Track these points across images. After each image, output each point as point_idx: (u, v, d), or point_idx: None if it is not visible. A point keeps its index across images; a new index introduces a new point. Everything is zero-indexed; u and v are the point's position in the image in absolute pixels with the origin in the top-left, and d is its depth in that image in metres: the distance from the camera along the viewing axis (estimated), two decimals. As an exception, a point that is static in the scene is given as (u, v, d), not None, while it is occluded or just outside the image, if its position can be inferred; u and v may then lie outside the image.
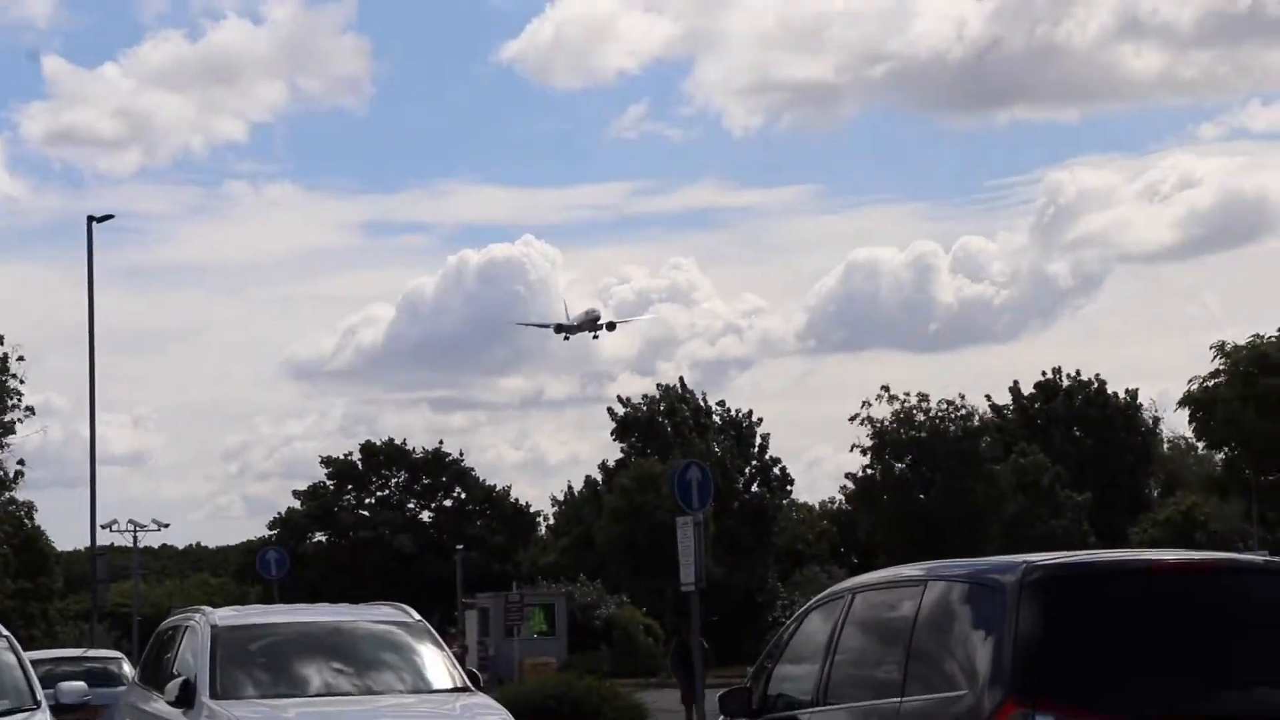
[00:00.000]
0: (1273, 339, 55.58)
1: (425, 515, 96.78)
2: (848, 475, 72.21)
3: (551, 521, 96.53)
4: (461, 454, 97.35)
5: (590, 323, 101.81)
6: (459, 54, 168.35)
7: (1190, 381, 55.52)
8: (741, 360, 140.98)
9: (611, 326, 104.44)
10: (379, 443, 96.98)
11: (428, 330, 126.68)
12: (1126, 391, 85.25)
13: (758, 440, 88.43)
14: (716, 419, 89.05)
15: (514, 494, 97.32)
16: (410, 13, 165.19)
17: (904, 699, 10.81)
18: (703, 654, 31.75)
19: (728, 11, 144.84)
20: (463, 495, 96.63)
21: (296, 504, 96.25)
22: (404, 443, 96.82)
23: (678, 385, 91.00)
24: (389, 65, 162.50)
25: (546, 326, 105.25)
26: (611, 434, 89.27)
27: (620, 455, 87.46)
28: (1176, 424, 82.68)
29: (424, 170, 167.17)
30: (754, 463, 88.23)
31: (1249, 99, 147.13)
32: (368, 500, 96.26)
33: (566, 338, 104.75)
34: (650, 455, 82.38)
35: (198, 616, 16.98)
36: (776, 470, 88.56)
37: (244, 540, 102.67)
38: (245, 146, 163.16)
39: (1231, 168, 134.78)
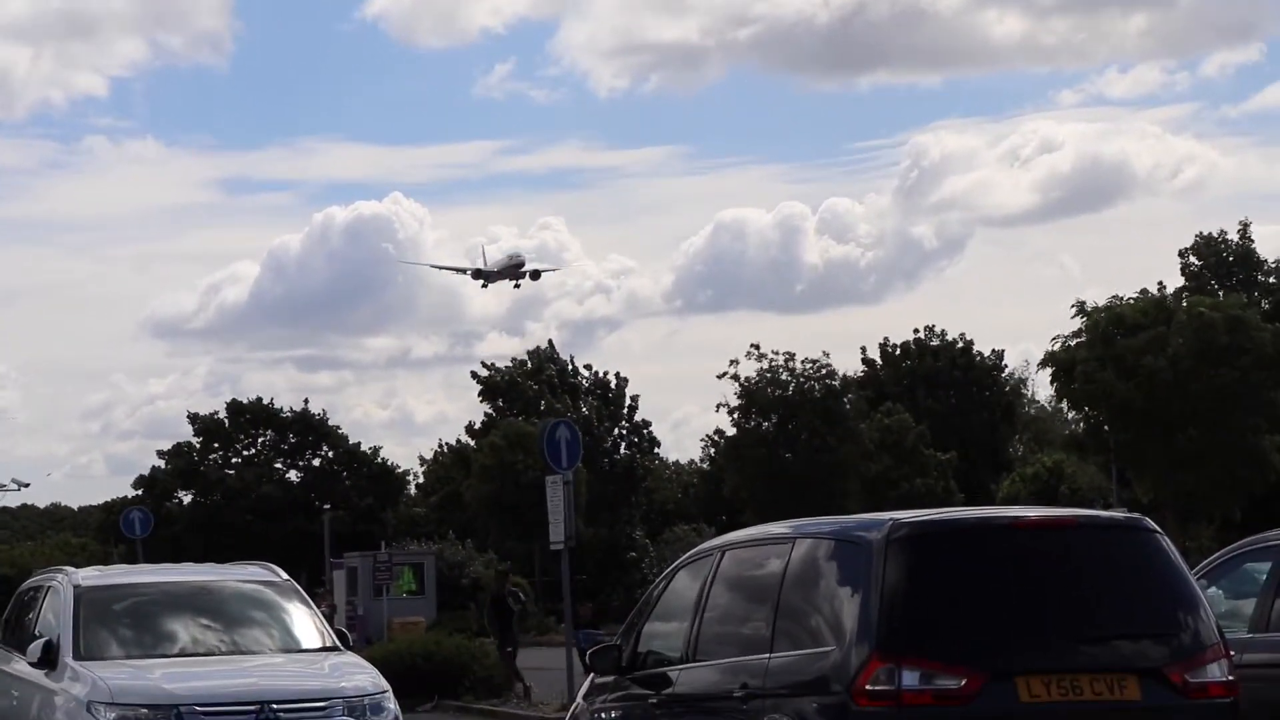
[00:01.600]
0: (1131, 300, 56.46)
1: (292, 475, 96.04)
2: (714, 434, 72.59)
3: (420, 481, 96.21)
4: (325, 413, 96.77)
5: (513, 269, 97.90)
6: (322, 11, 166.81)
7: (1052, 342, 56.33)
8: (610, 320, 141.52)
9: (536, 275, 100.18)
10: (245, 401, 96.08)
11: (293, 288, 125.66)
12: (992, 351, 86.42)
13: (626, 401, 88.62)
14: (584, 380, 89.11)
15: (381, 454, 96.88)
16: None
17: (772, 655, 10.92)
18: (520, 607, 31.91)
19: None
20: (330, 455, 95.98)
21: (160, 463, 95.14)
22: (271, 402, 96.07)
23: (547, 346, 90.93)
24: (251, 22, 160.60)
25: (463, 271, 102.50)
26: (479, 395, 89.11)
27: (485, 418, 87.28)
28: (1041, 384, 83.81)
29: (287, 128, 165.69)
30: (622, 423, 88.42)
31: (1107, 66, 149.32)
32: (234, 460, 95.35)
33: (485, 284, 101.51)
34: (516, 416, 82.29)
35: (60, 576, 16.77)
36: (645, 431, 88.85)
37: (107, 500, 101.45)
38: (105, 102, 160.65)
39: (1090, 133, 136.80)
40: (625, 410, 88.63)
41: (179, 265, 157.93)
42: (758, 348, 69.98)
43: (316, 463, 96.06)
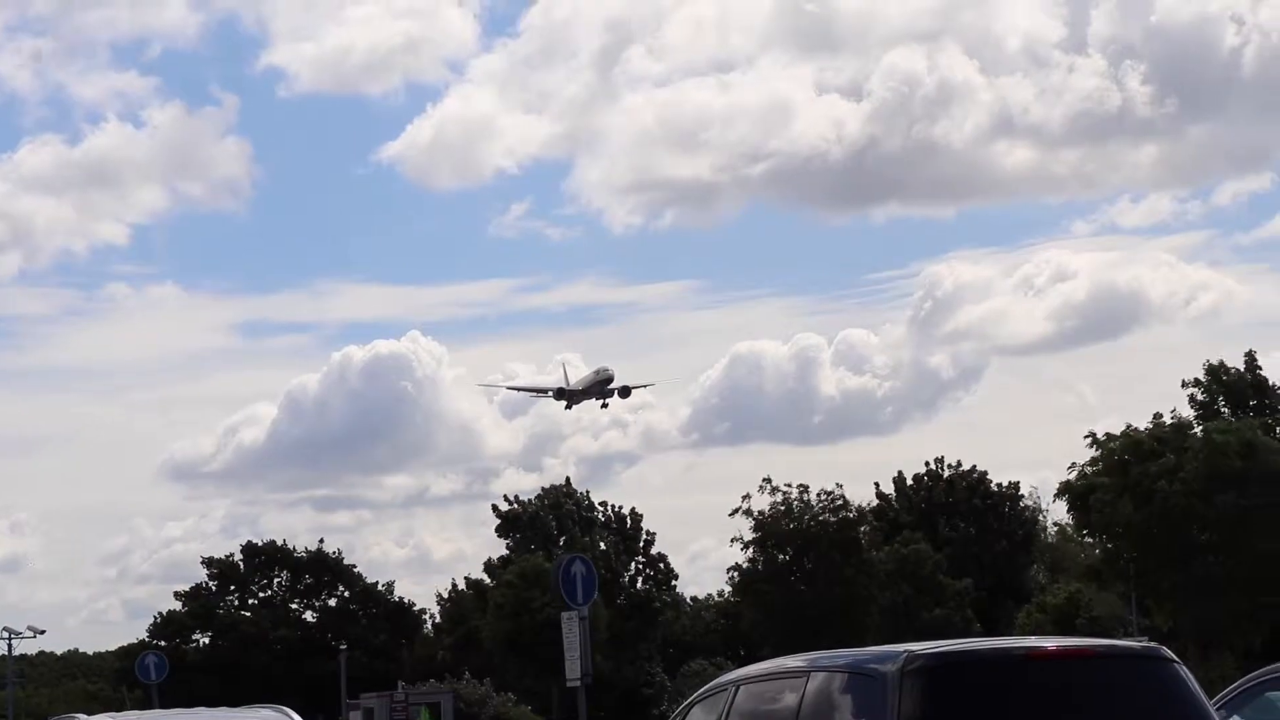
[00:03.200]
0: (1146, 429, 56.38)
1: (308, 615, 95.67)
2: (731, 568, 72.34)
3: (437, 619, 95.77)
4: (340, 553, 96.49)
5: (599, 385, 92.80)
6: (339, 156, 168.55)
7: (1069, 469, 56.21)
8: (626, 455, 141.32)
9: (625, 392, 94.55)
10: (260, 543, 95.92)
11: (310, 429, 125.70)
12: (1009, 482, 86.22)
13: (643, 535, 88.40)
14: (601, 516, 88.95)
15: (398, 592, 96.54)
16: (291, 116, 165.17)
17: (789, 791, 10.80)
18: None
19: (607, 111, 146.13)
20: (345, 594, 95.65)
21: (177, 605, 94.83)
22: (285, 543, 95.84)
23: (564, 483, 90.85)
24: (269, 168, 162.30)
25: (545, 392, 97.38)
26: (496, 530, 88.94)
27: (505, 552, 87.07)
28: (1058, 512, 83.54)
29: (305, 271, 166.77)
30: (639, 557, 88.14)
31: (1118, 196, 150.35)
32: (250, 601, 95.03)
33: (569, 406, 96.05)
34: (535, 551, 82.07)
35: (72, 724, 16.65)
36: (661, 565, 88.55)
37: (123, 645, 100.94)
38: (125, 249, 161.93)
39: (1104, 262, 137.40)
40: (642, 545, 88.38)
41: (198, 409, 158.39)
42: (770, 481, 69.92)
43: (333, 603, 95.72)
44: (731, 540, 70.00)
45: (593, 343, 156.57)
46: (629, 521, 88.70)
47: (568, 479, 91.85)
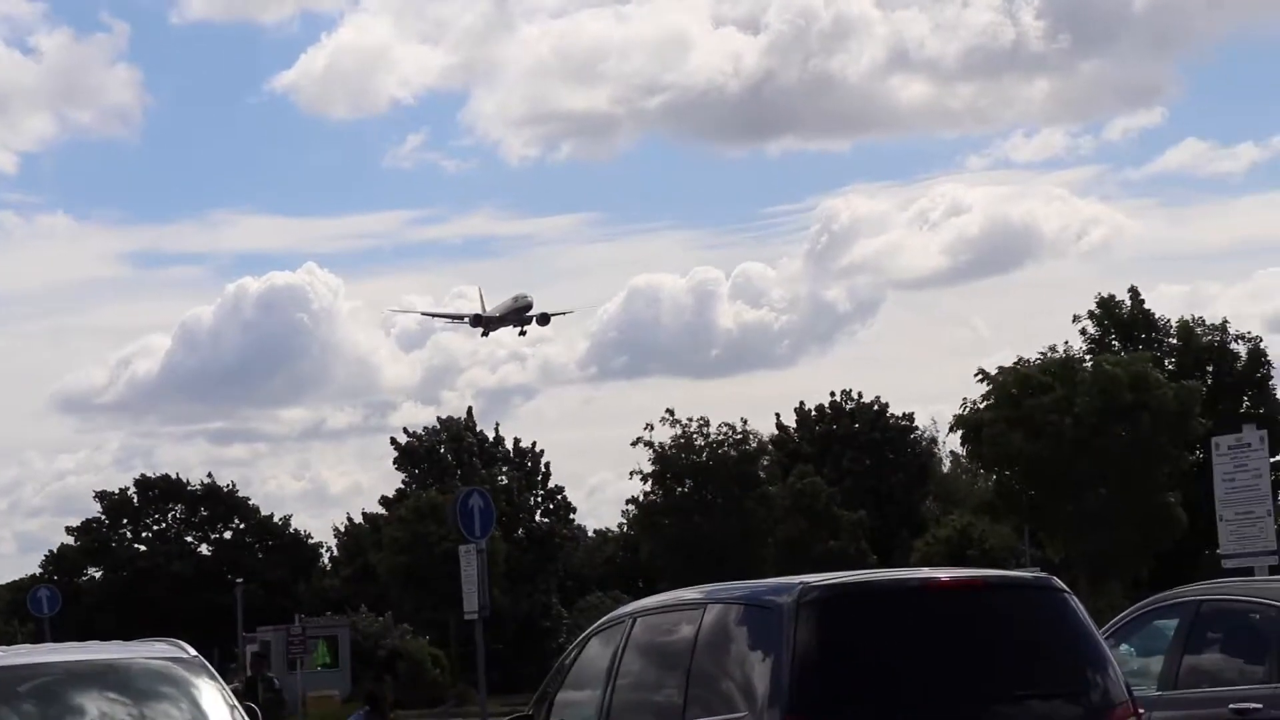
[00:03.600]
0: (1035, 362, 56.96)
1: (204, 549, 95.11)
2: (629, 500, 72.65)
3: (334, 553, 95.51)
4: (234, 485, 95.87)
5: (518, 312, 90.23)
6: (232, 85, 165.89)
7: (962, 405, 56.65)
8: (525, 388, 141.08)
9: (545, 319, 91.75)
10: (154, 476, 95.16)
11: (205, 361, 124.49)
12: (904, 414, 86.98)
13: (542, 469, 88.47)
14: (500, 450, 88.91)
15: (295, 525, 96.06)
16: (182, 44, 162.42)
17: (685, 721, 10.87)
18: (272, 695, 30.77)
19: (503, 42, 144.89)
20: (241, 527, 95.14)
21: (70, 540, 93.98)
22: (179, 476, 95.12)
23: (464, 416, 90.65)
24: (161, 96, 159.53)
25: (460, 319, 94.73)
26: (394, 464, 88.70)
27: (401, 485, 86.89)
28: (953, 444, 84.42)
29: (198, 201, 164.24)
30: (538, 491, 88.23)
31: (1012, 130, 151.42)
32: (144, 535, 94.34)
33: (485, 333, 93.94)
34: (432, 486, 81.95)
35: (-40, 657, 16.45)
36: (560, 498, 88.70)
37: (14, 579, 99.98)
38: (13, 178, 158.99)
39: (998, 196, 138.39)
40: (541, 478, 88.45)
41: (90, 339, 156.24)
42: (672, 413, 70.13)
43: (228, 536, 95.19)
44: (631, 473, 70.25)
45: (489, 275, 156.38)
46: (528, 455, 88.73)
47: (469, 409, 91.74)
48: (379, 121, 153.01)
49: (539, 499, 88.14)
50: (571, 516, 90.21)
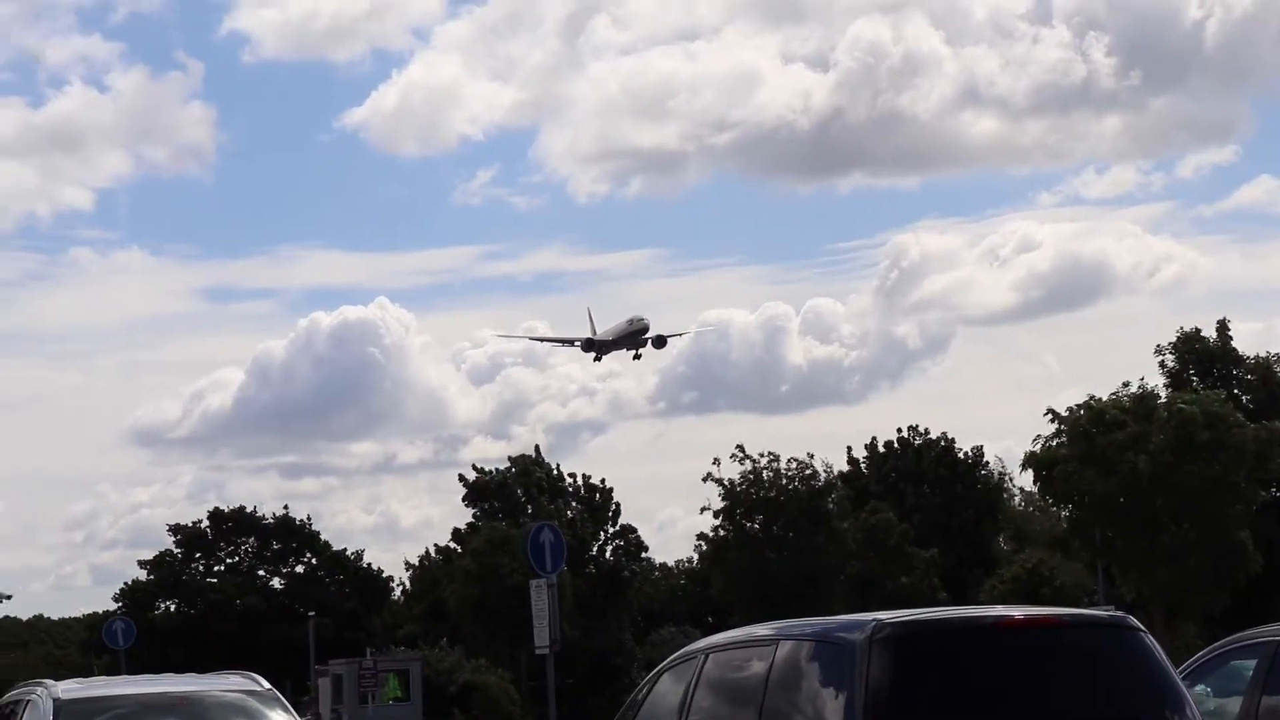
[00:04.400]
0: (1110, 399, 56.56)
1: (276, 582, 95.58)
2: (699, 535, 72.52)
3: (406, 587, 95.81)
4: (310, 519, 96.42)
5: (632, 335, 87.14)
6: (304, 122, 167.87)
7: (1034, 441, 56.33)
8: (594, 423, 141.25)
9: (661, 342, 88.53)
10: (227, 509, 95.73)
11: (277, 395, 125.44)
12: (972, 449, 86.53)
13: (611, 504, 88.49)
14: (570, 485, 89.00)
15: (366, 559, 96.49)
16: (255, 82, 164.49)
17: (757, 759, 10.84)
18: None
19: (572, 80, 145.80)
20: (313, 561, 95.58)
21: (143, 573, 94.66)
22: (252, 509, 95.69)
23: (533, 453, 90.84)
24: (234, 133, 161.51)
25: (572, 343, 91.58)
26: (463, 499, 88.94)
27: (471, 520, 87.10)
28: (1024, 481, 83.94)
29: (270, 237, 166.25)
30: (608, 526, 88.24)
31: (1083, 167, 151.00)
32: (216, 568, 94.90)
33: (597, 358, 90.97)
34: (501, 520, 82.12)
35: (39, 690, 16.61)
36: (630, 535, 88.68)
37: (90, 611, 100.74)
38: (90, 214, 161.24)
39: (1069, 232, 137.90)
40: (610, 514, 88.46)
41: (164, 374, 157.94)
42: (742, 449, 70.00)
43: (300, 570, 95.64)
44: (702, 509, 70.18)
45: (559, 311, 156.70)
46: (597, 491, 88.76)
47: (536, 447, 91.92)
48: (449, 158, 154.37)
49: (608, 534, 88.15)
50: (643, 554, 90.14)
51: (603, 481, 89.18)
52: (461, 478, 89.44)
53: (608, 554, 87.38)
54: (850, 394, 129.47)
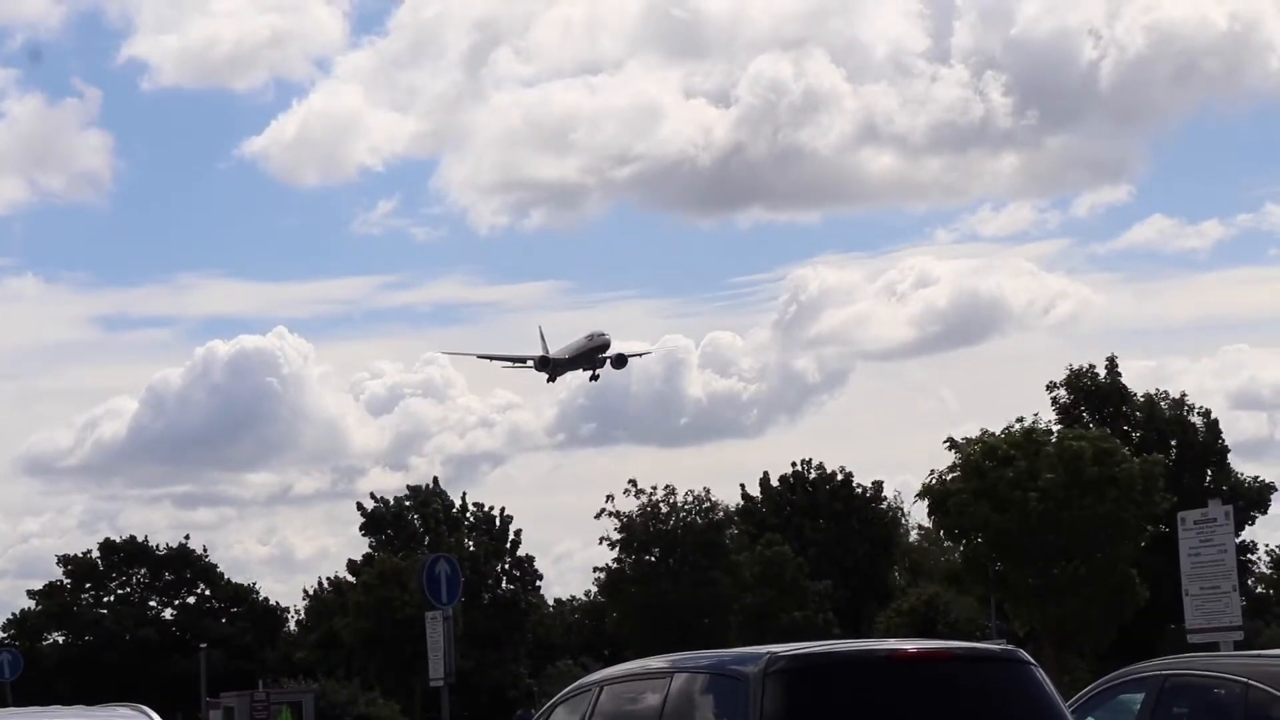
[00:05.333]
0: (1003, 434, 57.10)
1: (168, 613, 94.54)
2: (596, 569, 72.48)
3: (300, 618, 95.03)
4: (205, 550, 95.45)
5: (591, 354, 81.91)
6: (202, 150, 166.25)
7: (929, 475, 56.76)
8: (493, 454, 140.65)
9: (621, 361, 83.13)
10: (119, 539, 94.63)
11: (172, 424, 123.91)
12: (870, 483, 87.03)
13: (510, 535, 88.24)
14: (469, 515, 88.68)
15: (261, 591, 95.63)
16: (154, 110, 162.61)
17: (650, 791, 10.86)
18: None
19: (474, 111, 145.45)
20: (207, 592, 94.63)
21: (31, 604, 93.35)
22: (145, 539, 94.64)
23: (431, 483, 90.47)
24: (131, 161, 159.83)
25: (523, 362, 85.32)
26: (361, 529, 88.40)
27: (368, 551, 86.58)
28: (920, 515, 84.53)
29: (167, 265, 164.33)
30: (505, 558, 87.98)
31: (980, 204, 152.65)
32: (107, 599, 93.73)
33: (551, 378, 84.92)
34: (399, 551, 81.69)
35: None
36: (527, 565, 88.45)
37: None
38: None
39: (965, 269, 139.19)
40: (509, 545, 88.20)
41: (57, 403, 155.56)
42: (635, 484, 70.11)
43: (193, 601, 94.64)
44: (600, 539, 70.15)
45: (459, 342, 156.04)
46: (496, 522, 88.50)
47: (435, 479, 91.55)
48: (349, 188, 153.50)
49: (505, 566, 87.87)
50: (538, 584, 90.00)
51: (501, 511, 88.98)
52: (360, 506, 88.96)
53: (505, 585, 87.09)
54: (749, 427, 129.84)
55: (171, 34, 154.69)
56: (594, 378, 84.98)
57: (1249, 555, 72.48)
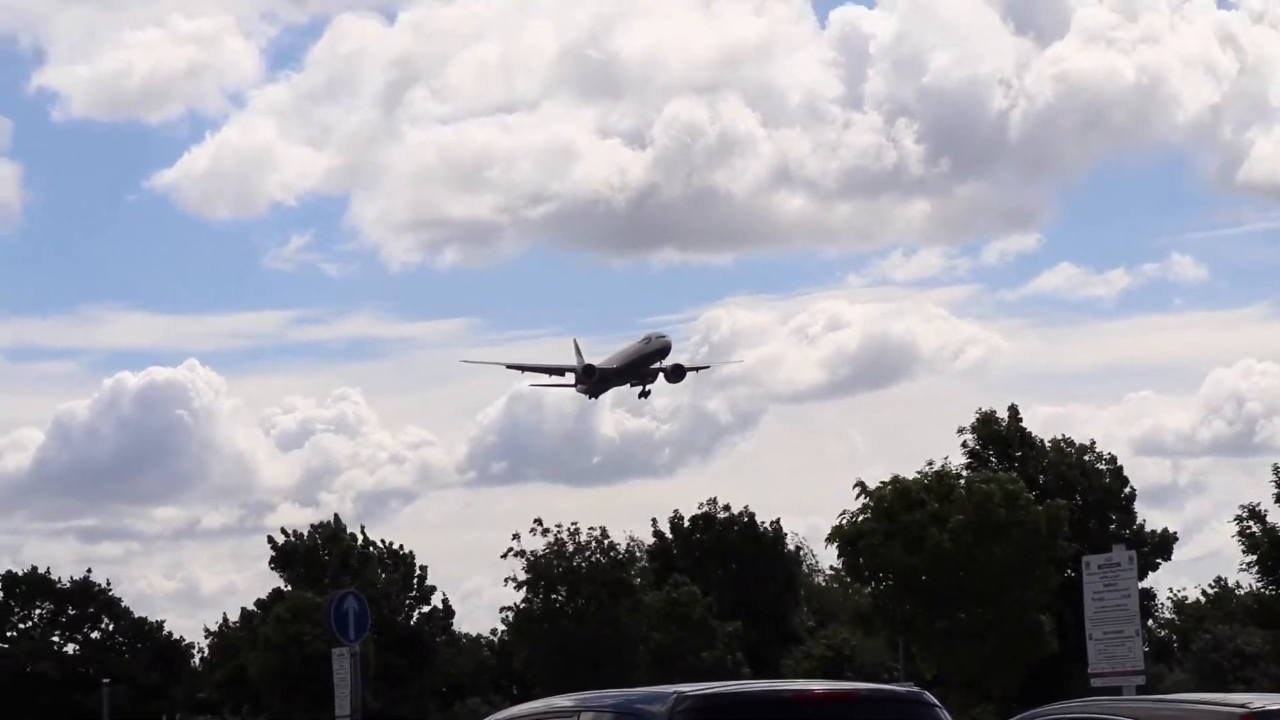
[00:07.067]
0: (915, 477, 57.49)
1: (70, 648, 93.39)
2: (504, 607, 72.30)
3: (206, 654, 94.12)
4: (109, 584, 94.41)
5: (646, 359, 71.45)
6: (113, 182, 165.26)
7: (840, 516, 57.05)
8: (403, 491, 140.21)
9: (679, 373, 73.69)
10: (21, 573, 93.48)
11: (78, 456, 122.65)
12: (772, 524, 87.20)
13: (418, 572, 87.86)
14: (376, 552, 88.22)
15: (166, 626, 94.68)
16: (65, 141, 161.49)
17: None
18: None
19: (389, 148, 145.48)
20: (110, 627, 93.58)
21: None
22: (48, 572, 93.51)
23: (337, 519, 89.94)
24: (41, 191, 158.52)
25: (560, 374, 75.39)
26: (270, 564, 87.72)
27: (277, 586, 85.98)
28: (830, 558, 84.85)
29: (75, 296, 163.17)
30: (414, 594, 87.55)
31: (891, 250, 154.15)
32: (8, 634, 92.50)
33: (594, 394, 75.68)
34: (307, 587, 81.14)
35: None
36: (437, 602, 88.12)
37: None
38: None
39: (876, 313, 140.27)
40: (418, 581, 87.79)
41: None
42: (540, 522, 70.00)
43: (96, 636, 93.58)
44: (506, 580, 70.00)
45: (371, 378, 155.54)
46: (405, 558, 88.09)
47: (335, 516, 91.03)
48: (261, 222, 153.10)
49: (415, 602, 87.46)
50: (449, 621, 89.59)
51: (410, 548, 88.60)
52: (270, 540, 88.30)
53: (414, 623, 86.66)
54: (661, 467, 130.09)
55: (84, 64, 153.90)
56: (644, 394, 76.38)
57: (1152, 600, 73.31)
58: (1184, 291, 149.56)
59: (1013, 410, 67.91)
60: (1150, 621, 72.63)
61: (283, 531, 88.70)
